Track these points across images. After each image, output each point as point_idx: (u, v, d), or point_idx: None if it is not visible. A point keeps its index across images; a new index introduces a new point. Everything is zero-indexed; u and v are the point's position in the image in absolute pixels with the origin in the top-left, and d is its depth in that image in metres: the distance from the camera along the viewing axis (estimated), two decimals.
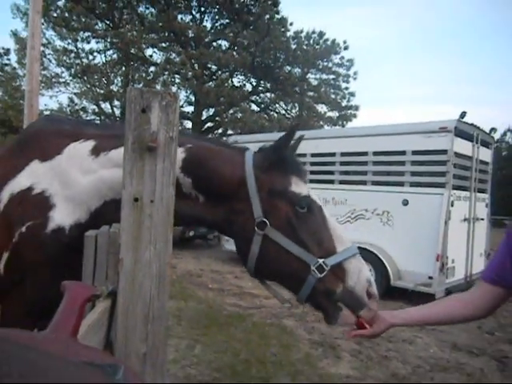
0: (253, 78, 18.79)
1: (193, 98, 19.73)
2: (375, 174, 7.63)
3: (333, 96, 18.26)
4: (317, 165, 8.47)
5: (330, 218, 1.55)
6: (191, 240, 11.88)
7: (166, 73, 15.61)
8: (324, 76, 18.55)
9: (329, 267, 1.42)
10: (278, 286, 1.64)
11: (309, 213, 1.51)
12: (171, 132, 1.29)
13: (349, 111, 18.33)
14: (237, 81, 19.42)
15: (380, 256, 7.01)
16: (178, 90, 18.21)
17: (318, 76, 18.62)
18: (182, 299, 5.97)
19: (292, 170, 1.59)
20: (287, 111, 19.12)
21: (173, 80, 16.46)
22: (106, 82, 18.33)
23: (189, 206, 1.62)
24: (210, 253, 10.53)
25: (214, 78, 18.91)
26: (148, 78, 16.29)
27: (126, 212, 1.25)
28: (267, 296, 6.81)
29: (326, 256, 1.44)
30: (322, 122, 18.00)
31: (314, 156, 8.36)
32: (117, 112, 20.60)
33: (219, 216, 1.61)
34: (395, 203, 7.14)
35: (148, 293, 1.27)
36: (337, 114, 18.38)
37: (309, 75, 18.89)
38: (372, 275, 5.53)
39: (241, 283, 7.38)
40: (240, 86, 19.36)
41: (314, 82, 18.37)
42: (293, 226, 1.48)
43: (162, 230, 1.29)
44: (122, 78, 17.77)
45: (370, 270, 6.25)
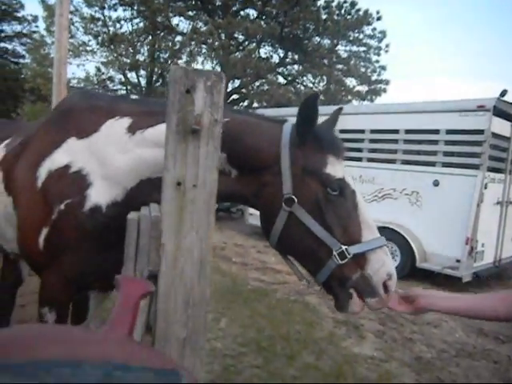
0: (280, 48, 18.35)
1: (218, 69, 19.53)
2: (406, 152, 7.41)
3: (363, 69, 17.68)
4: (345, 141, 8.24)
5: (362, 205, 1.49)
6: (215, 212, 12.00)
7: (192, 43, 15.37)
8: (354, 48, 17.92)
9: (351, 255, 1.38)
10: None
11: (340, 196, 1.46)
12: (216, 114, 1.24)
13: (379, 85, 17.77)
14: (264, 52, 19.04)
15: (406, 237, 6.90)
16: (204, 61, 18.02)
17: (348, 48, 18.01)
18: None
19: (329, 147, 1.52)
20: (315, 84, 18.66)
21: (199, 50, 16.23)
22: (132, 51, 18.25)
23: (221, 181, 1.58)
24: (233, 226, 10.60)
25: (241, 48, 18.57)
26: (174, 48, 16.10)
27: (168, 196, 1.22)
28: (290, 272, 6.80)
29: (351, 243, 1.40)
30: (350, 97, 17.54)
31: (342, 132, 8.15)
32: (142, 82, 20.63)
33: (249, 190, 1.57)
34: (425, 183, 6.95)
35: (189, 278, 1.25)
36: (366, 88, 17.86)
37: (338, 47, 18.31)
38: (398, 256, 5.38)
39: (264, 258, 7.43)
40: (267, 57, 18.97)
41: (344, 55, 17.81)
42: (320, 208, 1.44)
43: (204, 216, 1.26)
44: (149, 47, 17.62)
45: (396, 251, 6.14)
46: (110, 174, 1.66)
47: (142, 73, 19.95)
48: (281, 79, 18.68)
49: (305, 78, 18.76)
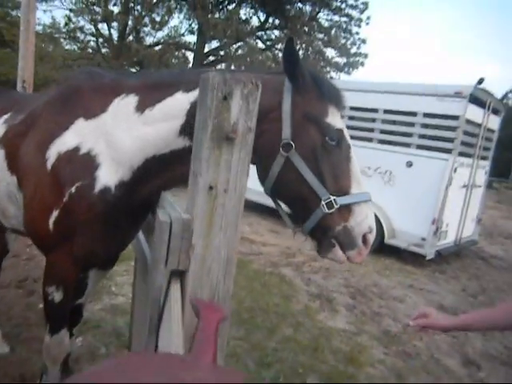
0: (261, 11, 17.82)
1: (195, 27, 18.82)
2: (382, 132, 7.59)
3: (343, 41, 17.54)
4: None
5: (355, 159, 1.53)
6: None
7: None
8: (336, 18, 17.67)
9: (338, 205, 1.43)
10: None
11: (336, 147, 1.49)
12: (250, 122, 1.27)
13: (357, 58, 17.74)
14: (243, 13, 18.42)
15: (377, 213, 7.16)
16: (183, 19, 17.28)
17: (329, 17, 17.74)
18: None
19: (331, 98, 1.54)
20: None
21: (179, 7, 15.50)
22: (104, 1, 17.21)
23: None
24: None
25: (220, 8, 17.90)
26: (152, 2, 15.30)
27: (200, 199, 1.26)
28: (264, 242, 7.03)
29: (339, 194, 1.44)
30: (328, 68, 17.45)
31: None
32: (115, 35, 19.61)
33: None
34: (399, 164, 7.20)
35: (215, 276, 1.32)
36: (344, 60, 17.80)
37: (320, 15, 17.99)
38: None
39: None
40: (246, 19, 18.40)
41: (325, 24, 17.55)
42: (316, 156, 1.47)
43: (232, 218, 1.31)
44: None
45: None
46: (118, 154, 1.67)
47: (114, 24, 18.93)
48: (260, 44, 18.27)
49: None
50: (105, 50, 19.67)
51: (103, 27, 19.09)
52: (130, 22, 17.87)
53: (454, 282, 6.39)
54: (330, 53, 17.79)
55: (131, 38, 19.47)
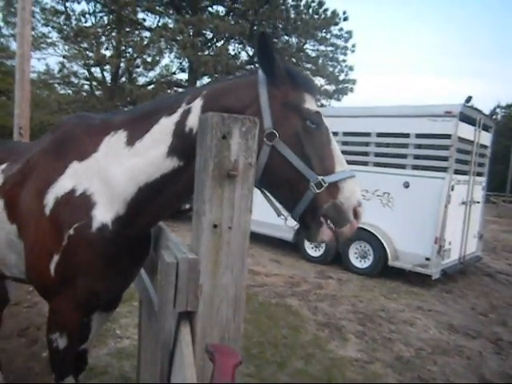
0: (249, 46, 18.33)
1: (186, 65, 19.27)
2: (377, 155, 7.67)
3: (330, 69, 17.99)
4: None
5: (334, 140, 1.59)
6: (186, 212, 11.89)
7: (161, 39, 15.08)
8: (322, 48, 18.18)
9: (327, 184, 1.46)
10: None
11: (317, 130, 1.54)
12: (250, 158, 1.29)
13: (346, 85, 18.13)
14: (232, 49, 18.94)
15: (379, 236, 7.16)
16: (174, 58, 17.73)
17: (315, 47, 18.24)
18: None
19: (305, 86, 1.61)
20: None
21: (169, 47, 15.94)
22: (96, 45, 17.68)
23: None
24: None
25: (209, 45, 18.40)
26: (142, 44, 15.74)
27: (205, 238, 1.26)
28: (267, 273, 6.95)
29: (325, 174, 1.48)
30: (318, 96, 17.81)
31: None
32: (108, 78, 20.03)
33: None
34: (396, 185, 7.24)
35: (224, 316, 1.30)
36: (334, 88, 18.18)
37: (306, 46, 18.51)
38: (370, 255, 5.70)
39: None
40: (235, 54, 18.90)
41: (312, 54, 18.03)
42: (300, 141, 1.51)
43: (238, 255, 1.31)
44: (114, 42, 17.12)
45: (369, 250, 6.43)
46: (112, 190, 1.70)
47: (107, 68, 19.38)
48: None
49: None
50: (99, 93, 20.06)
51: (96, 71, 19.60)
52: (122, 65, 18.32)
53: (462, 301, 6.30)
54: (319, 81, 18.21)
55: (124, 79, 19.93)
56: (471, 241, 8.09)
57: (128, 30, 16.87)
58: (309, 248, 8.09)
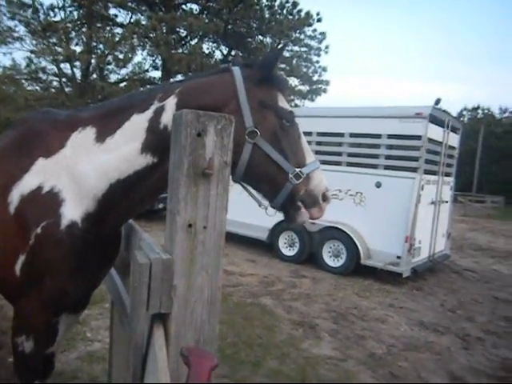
0: (223, 45, 18.27)
1: (159, 63, 19.01)
2: (350, 155, 7.77)
3: (304, 69, 18.14)
4: None
5: (302, 134, 1.71)
6: (159, 212, 11.73)
7: (134, 36, 14.81)
8: (296, 48, 18.32)
9: (304, 175, 1.60)
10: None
11: (291, 127, 1.66)
12: (225, 157, 1.27)
13: (319, 85, 18.32)
14: (206, 47, 18.82)
15: (352, 235, 7.26)
16: (146, 55, 17.46)
17: (290, 48, 18.35)
18: None
19: (279, 86, 1.71)
20: None
21: (142, 44, 15.68)
22: (65, 41, 17.19)
23: None
24: None
25: (183, 43, 18.21)
26: (114, 40, 15.41)
27: (180, 238, 1.23)
28: (242, 273, 6.93)
29: (299, 166, 1.61)
30: (292, 96, 17.93)
31: None
32: (77, 74, 19.53)
33: None
34: (368, 185, 7.35)
35: (199, 317, 1.28)
36: (307, 88, 18.34)
37: (280, 46, 18.57)
38: (344, 254, 5.82)
39: None
40: (210, 52, 18.79)
41: (286, 54, 18.13)
42: (278, 138, 1.61)
43: (213, 256, 1.28)
44: (85, 38, 16.69)
45: (342, 249, 6.55)
46: (81, 186, 1.65)
47: (77, 64, 18.88)
48: None
49: None
50: (68, 90, 19.51)
51: (66, 67, 19.05)
52: (93, 61, 17.89)
53: (431, 298, 6.46)
54: (293, 81, 18.33)
55: (95, 76, 19.45)
56: (440, 239, 8.32)
57: (99, 25, 16.51)
58: (283, 247, 8.12)
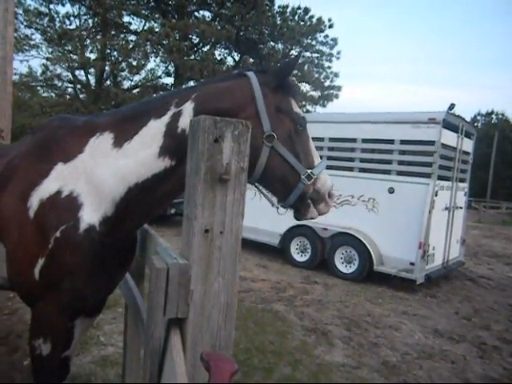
0: (235, 51, 18.38)
1: (172, 69, 19.20)
2: (362, 161, 7.73)
3: (316, 75, 18.15)
4: None
5: (310, 137, 1.80)
6: (171, 217, 11.79)
7: (147, 43, 15.00)
8: (308, 54, 18.34)
9: (315, 176, 1.70)
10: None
11: (303, 131, 1.75)
12: (242, 162, 1.28)
13: (331, 91, 18.31)
14: (218, 53, 18.97)
15: (364, 242, 7.20)
16: (159, 62, 17.66)
17: (302, 54, 18.39)
18: None
19: (292, 92, 1.80)
20: None
21: (155, 51, 15.87)
22: (81, 48, 17.49)
23: None
24: None
25: (195, 50, 18.38)
26: (128, 48, 15.62)
27: (196, 243, 1.24)
28: (253, 278, 6.92)
29: (309, 167, 1.71)
30: (304, 102, 17.94)
31: None
32: (92, 81, 19.83)
33: None
34: (381, 191, 7.30)
35: (216, 323, 1.28)
36: (319, 94, 18.34)
37: (292, 52, 18.64)
38: (356, 260, 5.84)
39: None
40: (221, 59, 18.93)
41: (299, 61, 18.16)
42: (292, 141, 1.70)
43: (230, 261, 1.29)
44: (99, 45, 16.96)
45: (354, 255, 6.56)
46: (99, 190, 1.68)
47: (92, 71, 19.18)
48: None
49: None
50: (83, 96, 19.82)
51: (80, 74, 19.37)
52: (107, 68, 18.16)
53: (446, 306, 6.37)
54: (305, 87, 18.36)
55: (109, 82, 19.74)
56: (454, 246, 8.20)
57: (113, 33, 16.75)
58: (295, 253, 8.09)
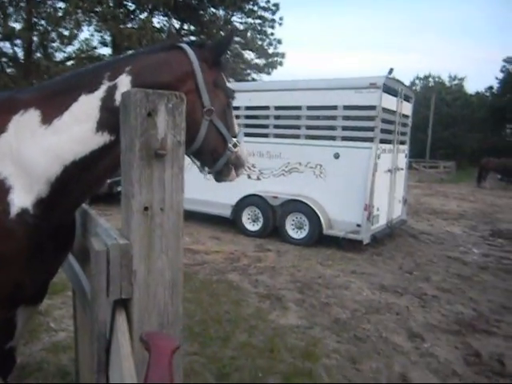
0: (175, 19, 17.61)
1: (108, 39, 18.14)
2: (308, 128, 7.83)
3: (259, 42, 17.88)
4: (251, 118, 8.47)
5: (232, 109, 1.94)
6: (118, 195, 11.45)
7: (79, 11, 13.96)
8: (250, 20, 17.96)
9: (240, 144, 1.87)
10: None
11: (232, 104, 1.89)
12: (179, 136, 1.24)
13: (275, 58, 18.16)
14: (156, 21, 18.08)
15: (313, 207, 7.40)
16: (93, 31, 16.58)
17: (243, 20, 17.99)
18: None
19: (224, 68, 1.89)
20: None
21: (88, 20, 14.82)
22: (3, 18, 15.97)
23: None
24: None
25: (132, 17, 17.41)
26: (57, 16, 14.47)
27: (136, 222, 1.20)
28: (207, 251, 6.94)
29: (234, 136, 1.86)
30: (248, 70, 17.70)
31: (248, 109, 8.31)
32: (19, 52, 18.28)
33: None
34: (327, 157, 7.48)
35: (162, 300, 1.27)
36: (264, 61, 18.13)
37: (234, 18, 18.19)
38: (306, 225, 6.03)
39: None
40: (161, 27, 18.09)
41: (240, 27, 17.76)
42: (225, 113, 1.83)
43: (173, 237, 1.27)
44: (25, 13, 15.56)
45: (304, 221, 6.76)
46: (30, 171, 1.57)
47: (18, 42, 17.65)
48: None
49: None
50: (10, 70, 18.29)
51: (6, 45, 17.76)
52: (35, 39, 16.77)
53: (390, 262, 6.76)
54: (249, 55, 18.07)
55: (39, 54, 18.30)
56: (397, 205, 8.66)
57: (39, 0, 15.40)
58: (247, 223, 8.17)
